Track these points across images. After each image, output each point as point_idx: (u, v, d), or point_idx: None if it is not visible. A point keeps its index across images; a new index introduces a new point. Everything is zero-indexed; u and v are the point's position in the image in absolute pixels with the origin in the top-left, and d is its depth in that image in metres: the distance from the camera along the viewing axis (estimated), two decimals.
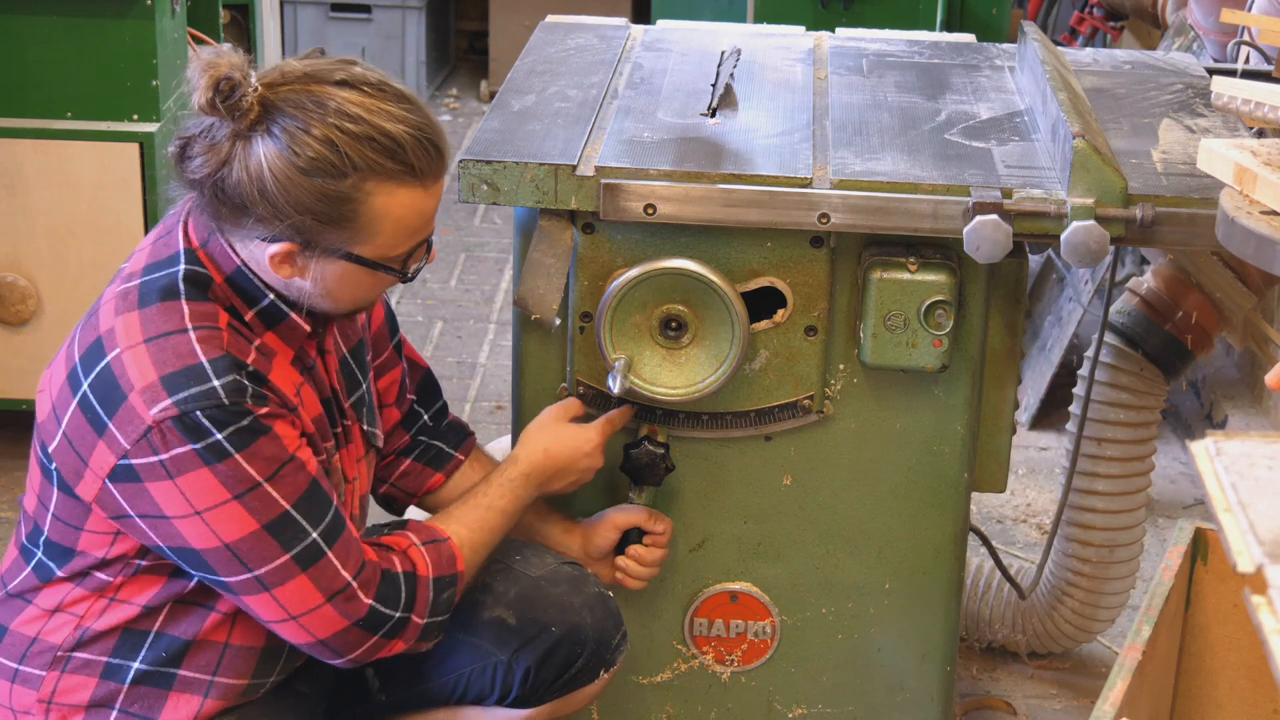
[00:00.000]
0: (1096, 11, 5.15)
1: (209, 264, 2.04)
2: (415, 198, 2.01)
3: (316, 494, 2.04)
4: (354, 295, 2.09)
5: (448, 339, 4.63)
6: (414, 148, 1.98)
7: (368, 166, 1.96)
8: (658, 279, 2.38)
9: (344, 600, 2.06)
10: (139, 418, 1.95)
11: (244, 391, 1.97)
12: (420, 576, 2.14)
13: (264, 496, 1.99)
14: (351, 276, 2.04)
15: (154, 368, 1.97)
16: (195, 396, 1.95)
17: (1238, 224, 2.02)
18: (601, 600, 2.36)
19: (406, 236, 2.04)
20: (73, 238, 3.52)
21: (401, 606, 2.11)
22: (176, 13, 3.54)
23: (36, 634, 2.11)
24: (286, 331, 2.08)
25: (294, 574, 2.02)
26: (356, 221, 1.98)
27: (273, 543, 2.00)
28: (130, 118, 3.48)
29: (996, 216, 2.26)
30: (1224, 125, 2.63)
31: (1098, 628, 3.11)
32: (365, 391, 2.27)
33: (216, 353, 1.98)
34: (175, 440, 1.95)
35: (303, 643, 2.08)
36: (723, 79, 2.64)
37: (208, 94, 1.93)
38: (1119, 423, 2.92)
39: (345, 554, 2.06)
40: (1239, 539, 1.31)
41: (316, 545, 2.03)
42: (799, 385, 2.47)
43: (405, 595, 2.12)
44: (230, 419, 1.96)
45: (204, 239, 2.05)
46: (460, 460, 2.47)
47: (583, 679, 2.32)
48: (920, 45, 3.02)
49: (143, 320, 2.00)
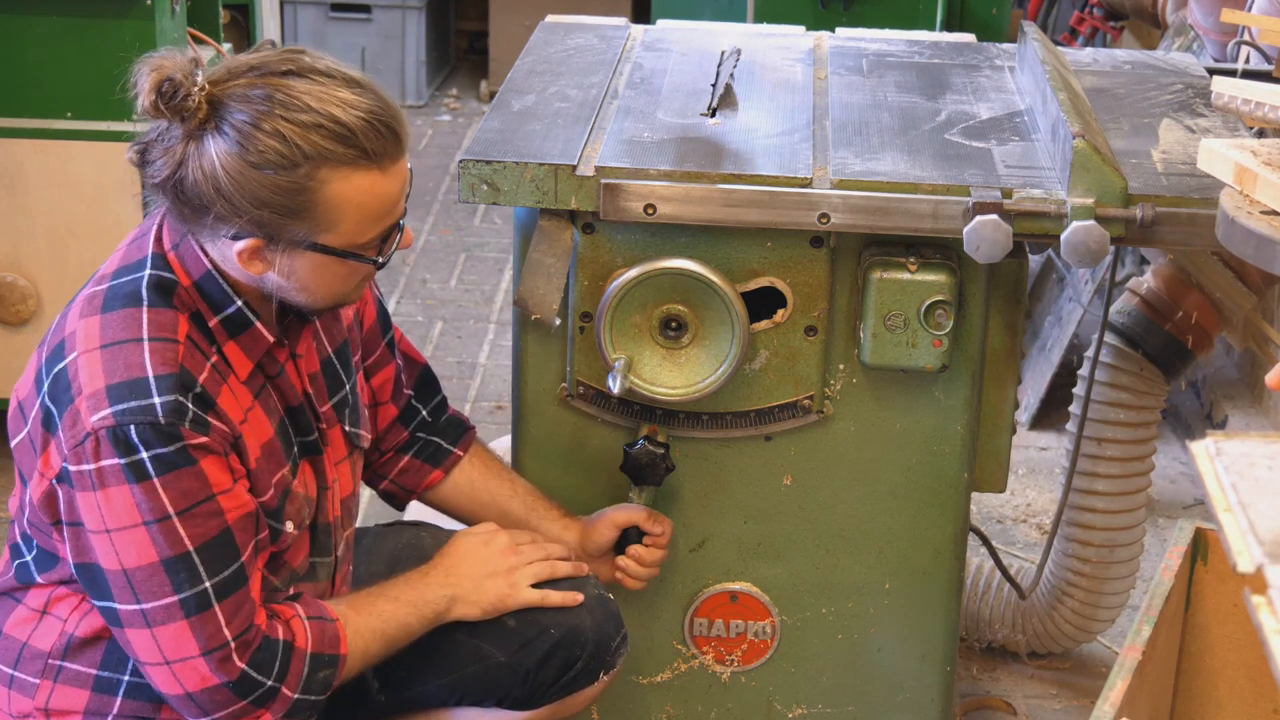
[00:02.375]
0: (1096, 11, 5.15)
1: (178, 268, 2.02)
2: (372, 181, 1.97)
3: (225, 543, 1.99)
4: (329, 287, 2.05)
5: (448, 339, 4.63)
6: (365, 131, 1.94)
7: (319, 155, 1.93)
8: (658, 279, 2.38)
9: (218, 658, 2.00)
10: (81, 423, 1.94)
11: (183, 414, 1.94)
12: (297, 648, 2.07)
13: (170, 531, 1.95)
14: (322, 267, 2.01)
15: (103, 375, 1.95)
16: (133, 410, 1.93)
17: (1238, 224, 2.02)
18: (602, 602, 2.35)
19: (371, 222, 2.00)
20: (73, 238, 3.52)
21: (274, 676, 2.04)
22: (176, 13, 3.54)
23: (27, 638, 2.10)
24: (249, 341, 2.05)
25: (176, 618, 1.97)
26: (315, 211, 1.95)
27: (165, 580, 1.96)
28: (130, 118, 3.47)
29: (996, 216, 2.26)
30: (1224, 125, 2.63)
31: (1098, 628, 3.11)
32: (349, 392, 2.25)
33: (166, 369, 1.95)
34: (106, 452, 1.93)
35: (171, 694, 2.02)
36: (723, 79, 2.64)
37: (150, 96, 1.92)
38: (1119, 423, 2.92)
39: (234, 611, 2.00)
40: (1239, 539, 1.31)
41: (206, 595, 1.97)
42: (799, 385, 2.47)
43: (279, 665, 2.05)
44: (160, 440, 1.93)
45: (176, 242, 2.03)
46: (459, 456, 2.46)
47: (582, 681, 2.32)
48: (920, 45, 3.02)
49: (102, 326, 1.98)
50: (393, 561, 2.38)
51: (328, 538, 2.21)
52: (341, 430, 2.24)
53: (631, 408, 2.49)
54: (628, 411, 2.50)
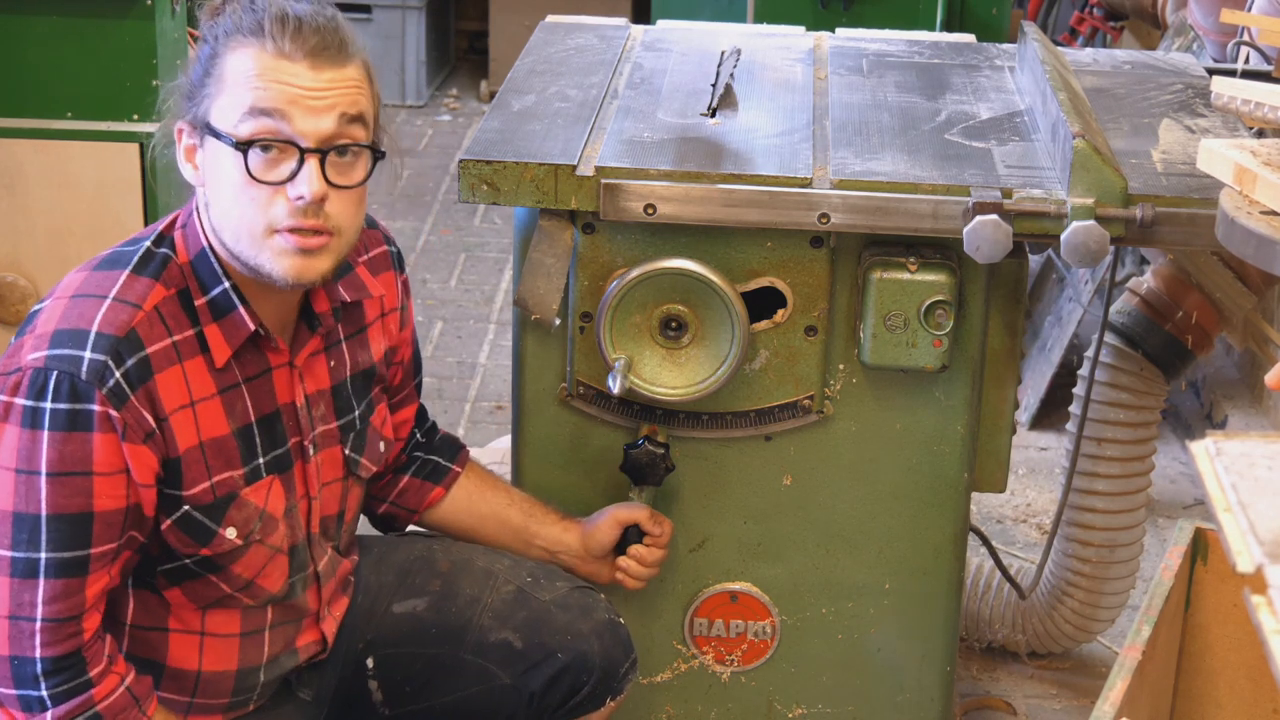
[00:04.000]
0: (1096, 11, 5.15)
1: (180, 245, 2.05)
2: (260, 56, 1.97)
3: (79, 525, 1.94)
4: (231, 201, 1.98)
5: (448, 339, 4.63)
6: (277, 16, 1.98)
7: (233, 27, 2.00)
8: (658, 279, 2.38)
9: (20, 629, 1.94)
10: (19, 358, 1.95)
11: (104, 379, 1.93)
12: (95, 695, 1.98)
13: (32, 487, 1.92)
14: (218, 164, 1.98)
15: (58, 320, 1.96)
16: (62, 358, 1.93)
17: (1238, 224, 2.02)
18: (611, 627, 2.35)
19: (245, 91, 1.96)
20: (73, 238, 3.52)
21: (51, 687, 1.96)
22: (176, 13, 3.54)
23: None
24: (230, 327, 2.04)
25: (2, 571, 1.94)
26: (212, 76, 2.00)
27: (7, 532, 1.93)
28: (130, 118, 3.48)
29: (996, 216, 2.26)
30: (1224, 125, 2.63)
31: (1098, 628, 3.11)
32: (357, 419, 2.24)
33: (110, 330, 1.95)
34: (22, 390, 1.93)
35: None
36: (723, 79, 2.64)
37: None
38: (1119, 423, 2.92)
39: (57, 595, 1.94)
40: (1239, 539, 1.31)
41: (35, 565, 1.93)
42: (799, 385, 2.47)
43: (67, 685, 1.96)
44: (69, 397, 1.92)
45: (184, 221, 2.06)
46: (458, 473, 2.46)
47: (588, 706, 2.32)
48: (920, 45, 3.02)
49: (84, 281, 2.01)
50: (403, 573, 2.37)
51: (302, 555, 2.17)
52: (341, 453, 2.22)
53: (631, 408, 2.49)
54: (628, 411, 2.50)
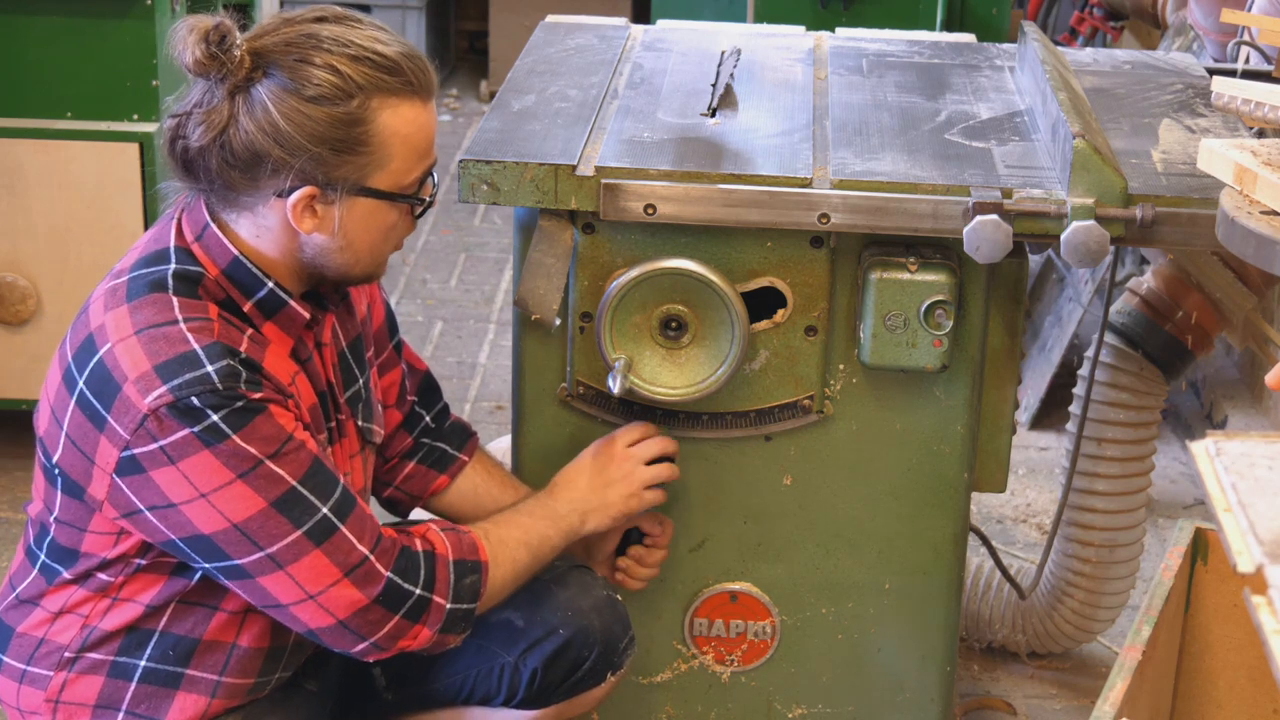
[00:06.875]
0: (1096, 11, 5.15)
1: (204, 259, 2.04)
2: (418, 113, 2.04)
3: (321, 471, 2.03)
4: (372, 242, 2.08)
5: (448, 339, 4.63)
6: (408, 64, 2.02)
7: (371, 85, 1.99)
8: (658, 279, 2.38)
9: (362, 575, 2.03)
10: (135, 407, 1.95)
11: (238, 376, 1.97)
12: (439, 555, 2.12)
13: (268, 474, 1.98)
14: (370, 216, 2.04)
15: (147, 358, 1.96)
16: (189, 382, 1.95)
17: (1238, 224, 2.02)
18: (610, 603, 2.35)
19: (417, 159, 2.05)
20: (73, 238, 3.52)
21: (421, 583, 2.09)
22: (176, 13, 3.54)
23: (44, 635, 2.11)
24: (285, 321, 2.08)
25: (308, 549, 2.00)
26: (369, 145, 2.00)
27: (282, 519, 1.99)
28: (130, 118, 3.48)
29: (996, 216, 2.26)
30: (1224, 125, 2.63)
31: (1098, 628, 3.11)
32: (362, 387, 2.27)
33: (209, 340, 1.98)
34: (172, 426, 1.94)
35: (323, 627, 2.04)
36: (723, 79, 2.64)
37: (199, 47, 1.96)
38: (1119, 423, 2.92)
39: (360, 529, 2.05)
40: (1239, 539, 1.31)
41: (328, 520, 2.02)
42: (799, 385, 2.47)
43: (425, 572, 2.09)
44: (224, 402, 1.95)
45: (198, 233, 2.05)
46: (464, 461, 2.47)
47: (589, 681, 2.32)
48: (920, 45, 3.02)
49: (132, 313, 2.00)
50: None
51: None
52: (355, 424, 2.25)
53: (631, 408, 2.49)
54: (628, 411, 2.50)
